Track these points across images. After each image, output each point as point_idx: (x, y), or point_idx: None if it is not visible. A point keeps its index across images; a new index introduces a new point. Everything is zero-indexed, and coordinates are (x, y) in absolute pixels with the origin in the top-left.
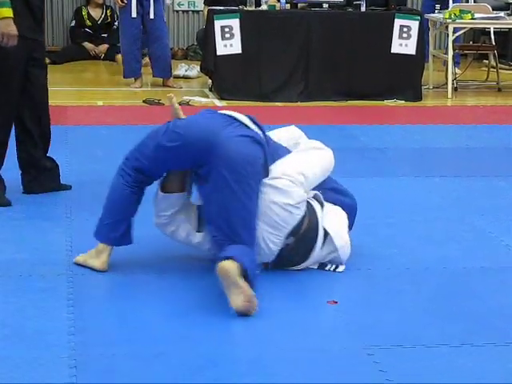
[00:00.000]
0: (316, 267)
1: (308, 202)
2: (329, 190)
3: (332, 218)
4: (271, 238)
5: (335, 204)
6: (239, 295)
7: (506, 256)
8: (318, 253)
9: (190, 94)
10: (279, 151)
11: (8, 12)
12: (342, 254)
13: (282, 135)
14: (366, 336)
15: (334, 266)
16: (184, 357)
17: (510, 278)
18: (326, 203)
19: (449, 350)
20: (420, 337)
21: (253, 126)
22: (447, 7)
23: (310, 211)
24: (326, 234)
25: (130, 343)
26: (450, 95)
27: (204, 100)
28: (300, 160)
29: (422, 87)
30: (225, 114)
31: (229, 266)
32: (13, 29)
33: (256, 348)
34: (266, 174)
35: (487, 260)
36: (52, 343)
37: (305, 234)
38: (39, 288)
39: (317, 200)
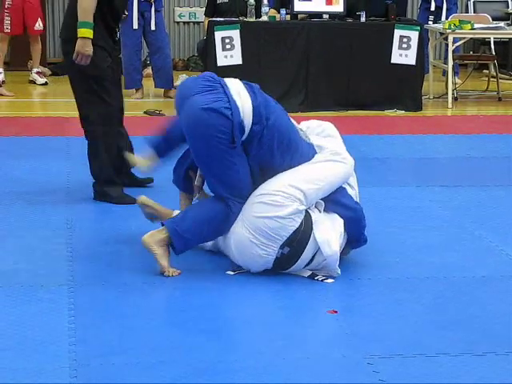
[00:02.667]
0: (307, 276)
1: (307, 211)
2: (330, 202)
3: (325, 227)
4: (267, 250)
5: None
6: (159, 262)
7: (507, 265)
8: (305, 261)
9: None
10: (287, 132)
11: (87, 33)
12: (330, 262)
13: (311, 128)
14: (366, 345)
15: (323, 278)
16: (184, 365)
17: (511, 287)
18: (323, 212)
19: (449, 359)
20: (420, 346)
21: (238, 98)
22: (440, 18)
23: (307, 222)
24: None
25: (131, 353)
26: (450, 105)
27: None
28: (306, 175)
29: (422, 97)
30: (215, 80)
31: (145, 240)
32: (88, 49)
33: (255, 356)
34: (233, 144)
35: (487, 269)
36: (53, 353)
37: (298, 244)
38: (40, 298)
39: (317, 208)
